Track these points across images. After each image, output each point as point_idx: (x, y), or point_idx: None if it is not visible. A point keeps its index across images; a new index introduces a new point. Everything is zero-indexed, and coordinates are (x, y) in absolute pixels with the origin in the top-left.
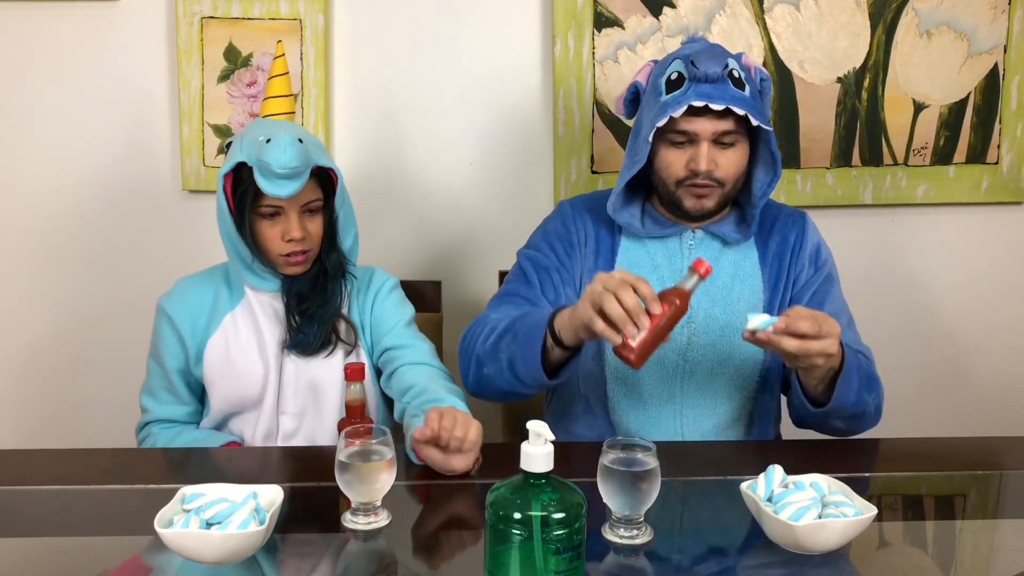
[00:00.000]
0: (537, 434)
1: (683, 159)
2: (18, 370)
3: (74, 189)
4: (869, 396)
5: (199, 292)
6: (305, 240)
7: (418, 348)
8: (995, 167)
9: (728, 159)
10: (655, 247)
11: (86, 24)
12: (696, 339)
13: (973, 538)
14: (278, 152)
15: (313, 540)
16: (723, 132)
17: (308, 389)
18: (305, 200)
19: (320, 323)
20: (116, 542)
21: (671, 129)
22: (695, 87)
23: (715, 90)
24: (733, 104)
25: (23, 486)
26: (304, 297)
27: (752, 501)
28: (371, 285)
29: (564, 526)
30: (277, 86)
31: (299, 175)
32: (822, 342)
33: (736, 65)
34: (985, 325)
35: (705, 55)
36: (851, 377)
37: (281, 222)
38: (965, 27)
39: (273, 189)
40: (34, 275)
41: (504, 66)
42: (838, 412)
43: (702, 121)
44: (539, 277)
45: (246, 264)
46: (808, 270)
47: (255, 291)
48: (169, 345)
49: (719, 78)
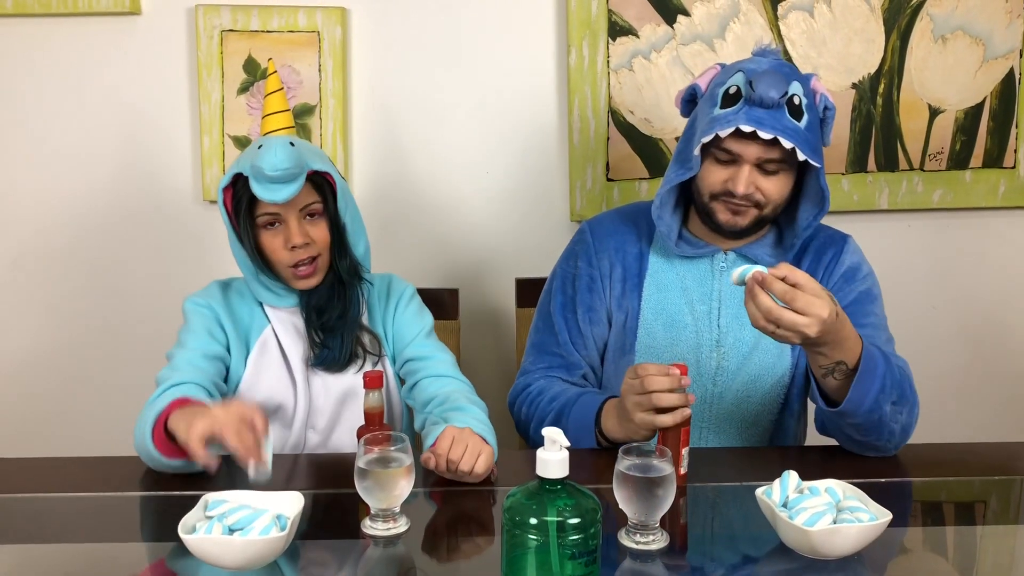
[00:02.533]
0: (552, 440)
1: (723, 176)
2: (39, 379)
3: (96, 201)
4: (890, 407)
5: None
6: (310, 246)
7: (440, 360)
8: (1012, 171)
9: (770, 185)
10: (684, 268)
11: (108, 38)
12: (725, 363)
13: (994, 544)
14: (269, 155)
15: (333, 546)
16: (768, 160)
17: (338, 404)
18: (302, 204)
19: (343, 335)
20: (141, 548)
21: (717, 145)
22: (748, 110)
23: (768, 116)
24: (783, 135)
25: (49, 493)
26: (323, 310)
27: (767, 507)
28: (391, 294)
29: (580, 531)
30: (274, 102)
31: (293, 178)
32: (794, 316)
33: (800, 91)
34: (1004, 330)
35: (767, 78)
36: (871, 379)
37: (282, 230)
38: (980, 32)
39: (266, 194)
40: (56, 285)
41: (519, 75)
42: (852, 415)
43: (749, 145)
44: (568, 331)
45: (258, 280)
46: (841, 288)
47: (274, 309)
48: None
49: (775, 104)
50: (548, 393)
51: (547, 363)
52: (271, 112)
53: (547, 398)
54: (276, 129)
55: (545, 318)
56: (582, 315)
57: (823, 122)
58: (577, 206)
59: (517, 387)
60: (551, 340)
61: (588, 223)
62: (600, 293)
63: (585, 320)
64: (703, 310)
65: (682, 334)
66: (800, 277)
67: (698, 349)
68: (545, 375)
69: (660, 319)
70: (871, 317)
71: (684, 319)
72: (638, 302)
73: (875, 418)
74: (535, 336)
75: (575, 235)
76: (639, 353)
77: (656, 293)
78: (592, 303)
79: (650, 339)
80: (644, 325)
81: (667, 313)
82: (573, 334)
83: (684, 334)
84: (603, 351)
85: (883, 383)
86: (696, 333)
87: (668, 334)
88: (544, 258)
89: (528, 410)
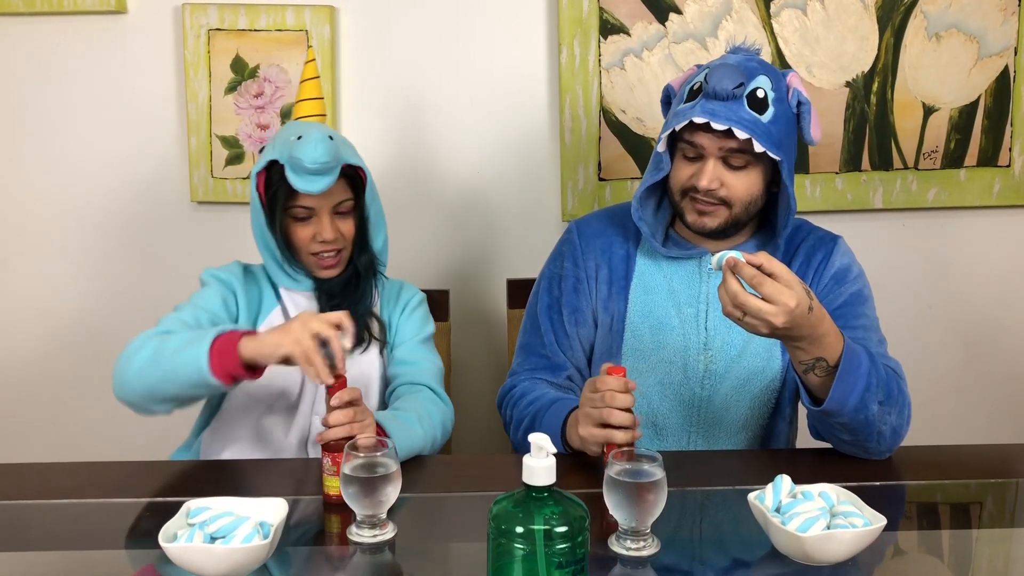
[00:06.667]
0: (539, 447)
1: (690, 172)
2: (23, 383)
3: (83, 200)
4: (877, 406)
5: (253, 280)
6: (337, 240)
7: (423, 369)
8: (1007, 170)
9: (737, 181)
10: (671, 270)
11: (95, 37)
12: (713, 366)
13: (990, 548)
14: (309, 148)
15: (319, 553)
16: (731, 151)
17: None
18: (336, 200)
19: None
20: (125, 556)
21: (682, 139)
22: (704, 102)
23: (723, 108)
24: (738, 126)
25: (32, 500)
26: (335, 296)
27: (760, 512)
28: (400, 299)
29: (567, 539)
30: (309, 89)
31: (330, 171)
32: (760, 303)
33: (767, 85)
34: (999, 330)
35: (721, 70)
36: (854, 377)
37: (313, 224)
38: (974, 29)
39: (304, 185)
40: (41, 286)
41: (510, 74)
42: (837, 414)
43: (708, 137)
44: (554, 332)
45: (279, 265)
46: (831, 290)
47: (289, 292)
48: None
49: (729, 96)
50: (528, 396)
51: (533, 364)
52: (306, 98)
53: (526, 401)
54: (308, 115)
55: (532, 319)
56: (568, 316)
57: (799, 118)
58: (569, 206)
59: (504, 388)
60: (537, 341)
61: (575, 223)
62: (586, 294)
63: (571, 321)
64: (690, 312)
65: (669, 337)
66: (776, 267)
67: (685, 352)
68: (531, 376)
69: (647, 322)
70: (862, 319)
71: (671, 321)
72: (624, 304)
73: (862, 418)
74: (522, 337)
75: (562, 235)
76: (626, 356)
77: (643, 295)
78: (578, 304)
79: (637, 342)
80: (631, 328)
81: (654, 316)
82: (559, 335)
83: (671, 337)
84: (590, 353)
85: (868, 381)
86: (683, 336)
87: (655, 337)
88: (535, 258)
89: (511, 412)
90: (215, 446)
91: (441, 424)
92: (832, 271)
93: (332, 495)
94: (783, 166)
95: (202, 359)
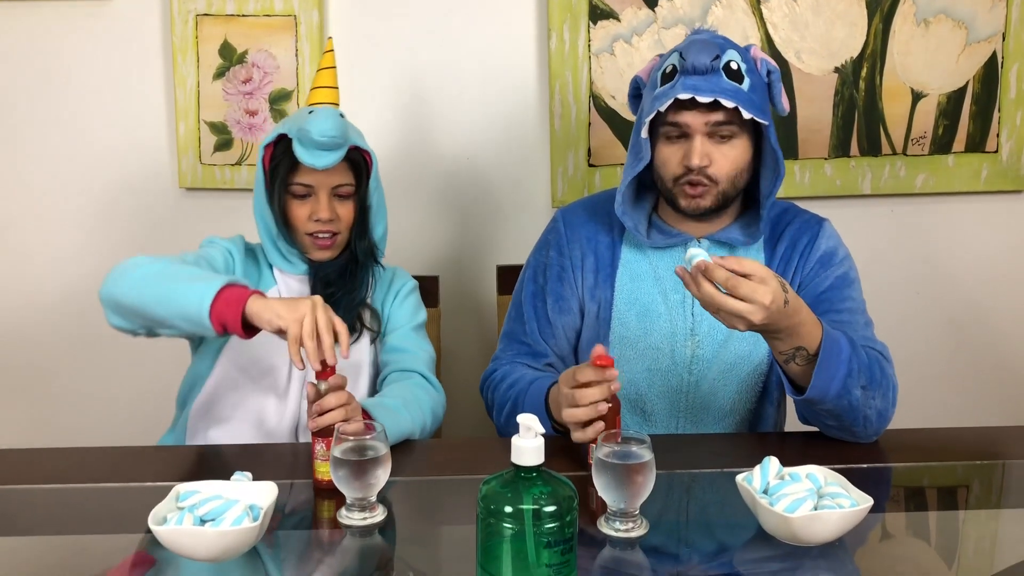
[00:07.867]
0: (527, 427)
1: (678, 155)
2: (14, 368)
3: (70, 188)
4: (860, 391)
5: (253, 258)
6: (333, 222)
7: (414, 356)
8: (995, 156)
9: (724, 155)
10: (657, 257)
11: (80, 23)
12: (700, 351)
13: (976, 529)
14: (319, 121)
15: (310, 536)
16: (717, 124)
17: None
18: (337, 182)
19: (345, 310)
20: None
21: (664, 123)
22: (684, 79)
23: (704, 82)
24: (723, 96)
25: (20, 485)
26: (330, 283)
27: (748, 493)
28: (392, 286)
29: (555, 519)
30: (325, 77)
31: (337, 147)
32: (735, 303)
33: (737, 57)
34: (986, 314)
35: (695, 46)
36: (835, 364)
37: (311, 202)
38: (963, 15)
39: (309, 158)
40: (31, 273)
41: (499, 60)
42: (820, 401)
43: (693, 114)
44: (537, 320)
45: (274, 243)
46: (817, 273)
47: (283, 274)
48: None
49: (708, 69)
50: (508, 379)
51: (515, 351)
52: (321, 86)
53: (506, 384)
54: (321, 102)
55: (517, 307)
56: (551, 304)
57: (770, 87)
58: (559, 192)
59: (485, 373)
60: (520, 329)
61: (561, 211)
62: (571, 283)
63: (555, 310)
64: (676, 299)
65: (656, 323)
66: (747, 267)
67: (672, 338)
68: (511, 362)
69: (633, 309)
70: (848, 302)
71: (657, 308)
72: (611, 292)
73: (845, 403)
74: (507, 324)
75: (548, 224)
76: (613, 343)
77: (629, 283)
78: (562, 293)
79: (624, 329)
80: (617, 316)
81: (640, 303)
82: (542, 323)
83: (658, 323)
84: (575, 341)
85: (849, 367)
86: (670, 322)
87: (642, 324)
88: (525, 245)
89: (491, 395)
90: (201, 424)
91: (431, 410)
92: (818, 255)
93: (323, 480)
94: (769, 130)
95: (207, 297)
